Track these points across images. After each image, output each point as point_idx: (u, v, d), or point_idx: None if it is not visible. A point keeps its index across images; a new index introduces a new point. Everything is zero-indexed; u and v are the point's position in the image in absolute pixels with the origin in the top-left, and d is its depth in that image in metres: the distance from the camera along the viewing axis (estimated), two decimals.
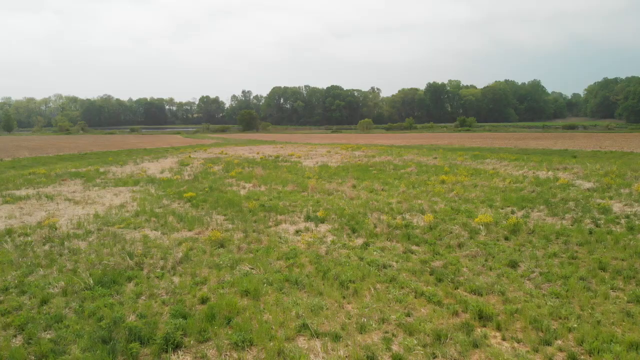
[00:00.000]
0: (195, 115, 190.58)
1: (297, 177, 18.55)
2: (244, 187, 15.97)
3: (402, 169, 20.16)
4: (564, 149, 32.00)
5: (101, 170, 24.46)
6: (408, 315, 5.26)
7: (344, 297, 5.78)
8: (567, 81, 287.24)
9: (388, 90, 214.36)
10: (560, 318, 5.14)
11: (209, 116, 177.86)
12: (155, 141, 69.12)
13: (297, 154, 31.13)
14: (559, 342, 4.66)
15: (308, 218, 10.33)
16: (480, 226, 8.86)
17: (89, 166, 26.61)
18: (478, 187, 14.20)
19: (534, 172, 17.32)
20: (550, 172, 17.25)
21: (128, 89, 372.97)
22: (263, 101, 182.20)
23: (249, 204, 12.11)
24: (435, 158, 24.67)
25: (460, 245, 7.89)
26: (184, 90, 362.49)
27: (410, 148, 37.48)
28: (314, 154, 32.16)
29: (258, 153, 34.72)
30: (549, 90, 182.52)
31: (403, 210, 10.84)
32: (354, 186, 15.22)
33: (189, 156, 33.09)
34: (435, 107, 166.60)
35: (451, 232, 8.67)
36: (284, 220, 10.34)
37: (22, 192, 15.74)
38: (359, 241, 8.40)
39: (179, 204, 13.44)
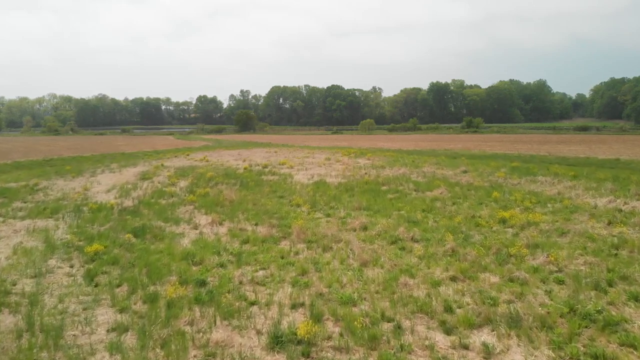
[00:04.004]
0: (192, 115, 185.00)
1: (282, 204, 13.04)
2: (195, 227, 10.43)
3: (428, 191, 14.61)
4: (614, 158, 26.38)
5: (41, 185, 19.12)
6: None
7: None
8: (569, 81, 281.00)
9: (390, 90, 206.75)
10: None
11: (207, 116, 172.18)
12: (141, 143, 63.85)
13: (289, 163, 25.63)
14: None
15: (276, 339, 4.78)
16: None
17: (34, 178, 21.29)
18: (570, 237, 8.65)
19: (626, 203, 11.76)
20: None
21: (128, 89, 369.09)
22: (262, 101, 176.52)
23: (176, 282, 6.61)
24: (466, 172, 19.07)
25: None
26: (184, 90, 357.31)
27: (424, 154, 31.94)
28: (310, 163, 26.64)
29: (244, 160, 29.23)
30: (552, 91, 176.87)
31: (475, 319, 5.24)
32: (364, 228, 9.68)
33: (162, 164, 27.65)
34: (439, 107, 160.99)
35: None
36: (225, 343, 4.83)
37: None
38: None
39: (70, 267, 7.97)
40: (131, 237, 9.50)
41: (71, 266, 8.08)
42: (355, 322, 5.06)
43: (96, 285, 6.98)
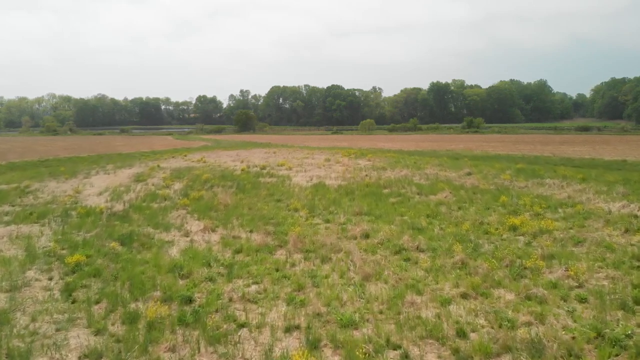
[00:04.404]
0: (192, 115, 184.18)
1: (279, 209, 12.45)
2: (186, 234, 9.84)
3: (431, 194, 14.02)
4: (620, 159, 25.79)
5: (32, 187, 18.57)
6: None
7: None
8: (569, 81, 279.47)
9: (390, 90, 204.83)
10: None
11: (206, 116, 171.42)
12: (140, 144, 63.24)
13: (288, 164, 25.03)
14: None
15: None
16: None
17: (26, 180, 20.71)
18: (587, 247, 8.06)
19: None
20: None
21: (128, 89, 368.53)
22: (262, 101, 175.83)
23: (160, 298, 6.04)
24: (470, 174, 18.47)
25: None
26: (183, 90, 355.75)
27: (425, 155, 31.34)
28: (309, 164, 26.05)
29: (242, 161, 28.62)
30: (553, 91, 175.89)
31: (492, 346, 4.63)
32: (366, 235, 9.09)
33: (158, 165, 27.05)
34: (439, 107, 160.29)
35: None
36: None
37: None
38: None
39: (49, 279, 7.39)
40: (117, 246, 8.91)
41: (50, 278, 7.50)
42: (357, 351, 4.47)
43: (73, 302, 6.39)
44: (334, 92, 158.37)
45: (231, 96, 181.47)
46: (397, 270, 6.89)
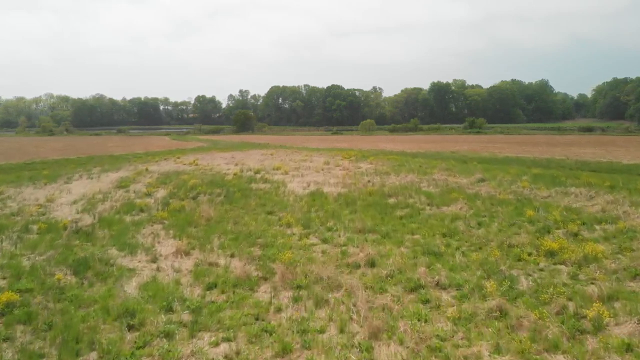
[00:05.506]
0: (191, 116, 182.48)
1: (269, 223, 10.78)
2: (153, 260, 8.16)
3: (443, 205, 12.34)
4: None
5: (5, 194, 17.10)
6: None
7: None
8: (570, 81, 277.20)
9: (390, 90, 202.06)
10: None
11: (205, 116, 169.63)
12: (135, 144, 61.58)
13: (285, 168, 23.35)
14: None
15: None
16: None
17: (2, 185, 19.13)
18: None
19: None
20: None
21: (128, 89, 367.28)
22: (261, 101, 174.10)
23: None
24: (483, 181, 16.76)
25: None
26: (183, 90, 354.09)
27: (430, 158, 29.66)
28: (307, 167, 24.37)
29: (236, 164, 26.92)
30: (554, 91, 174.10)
31: None
32: (371, 263, 7.43)
33: (146, 169, 25.37)
34: (440, 107, 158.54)
35: None
36: None
37: None
38: None
39: None
40: (67, 276, 7.25)
41: None
42: None
43: None
44: (334, 92, 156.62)
45: (230, 96, 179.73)
46: (415, 322, 5.21)
